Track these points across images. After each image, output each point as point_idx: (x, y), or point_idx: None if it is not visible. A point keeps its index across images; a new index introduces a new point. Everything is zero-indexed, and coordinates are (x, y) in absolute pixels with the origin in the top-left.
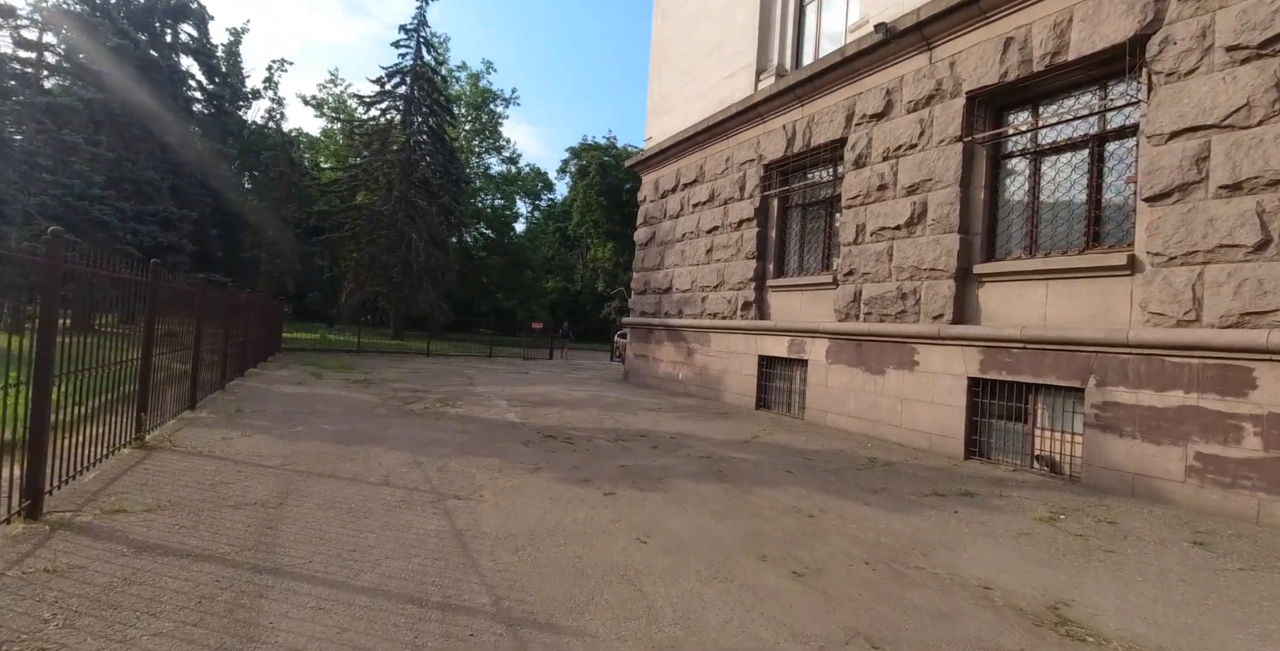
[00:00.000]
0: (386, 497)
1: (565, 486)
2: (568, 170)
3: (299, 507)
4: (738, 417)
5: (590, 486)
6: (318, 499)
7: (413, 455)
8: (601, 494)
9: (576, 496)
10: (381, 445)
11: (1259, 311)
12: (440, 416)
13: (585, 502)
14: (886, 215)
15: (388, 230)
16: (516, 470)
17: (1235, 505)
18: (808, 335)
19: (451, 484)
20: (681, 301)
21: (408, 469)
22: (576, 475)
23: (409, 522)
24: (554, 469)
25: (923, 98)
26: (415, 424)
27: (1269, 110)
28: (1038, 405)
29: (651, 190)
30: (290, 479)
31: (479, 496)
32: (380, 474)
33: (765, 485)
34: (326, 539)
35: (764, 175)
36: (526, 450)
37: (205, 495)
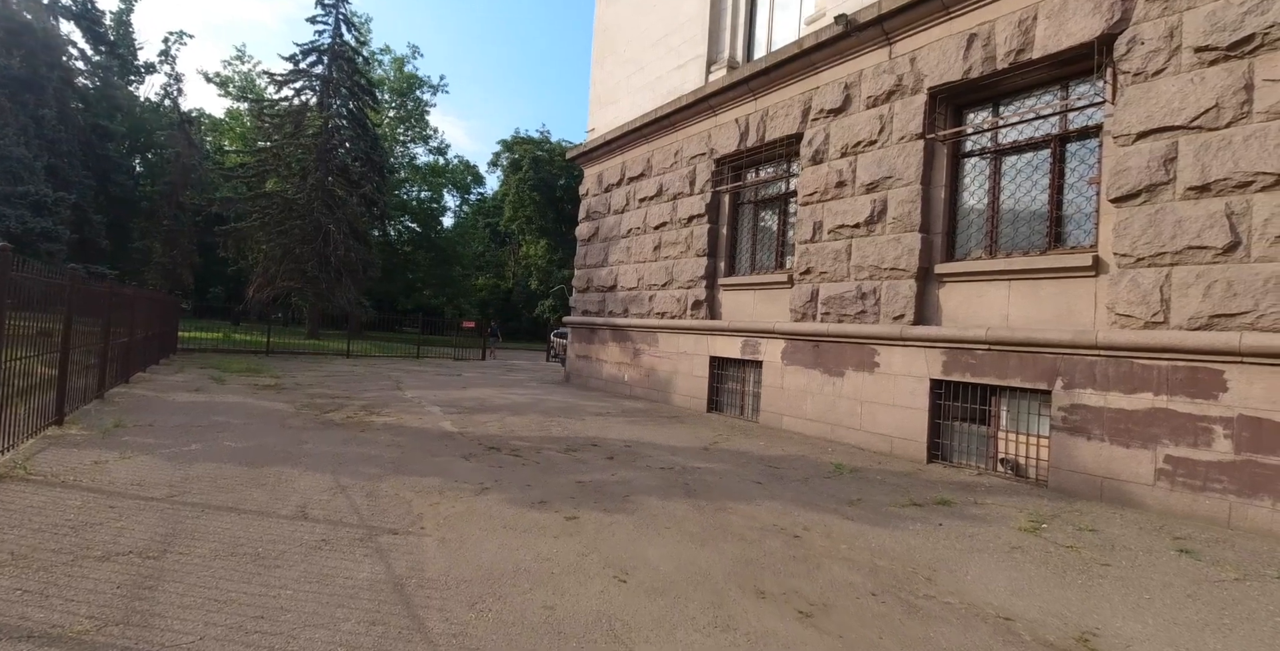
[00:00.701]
0: (304, 536)
1: (520, 510)
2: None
3: (189, 556)
4: (690, 421)
5: (548, 509)
6: (214, 542)
7: (335, 477)
8: (563, 519)
9: (535, 523)
10: (296, 465)
11: (1228, 313)
12: (365, 427)
13: (546, 531)
14: (845, 213)
15: (302, 220)
16: (461, 492)
17: (1206, 508)
18: (762, 335)
19: (384, 513)
20: (627, 300)
21: (329, 495)
22: (531, 495)
23: (334, 570)
24: (504, 488)
25: (883, 93)
26: (336, 437)
27: (1238, 112)
28: (1001, 407)
29: (595, 184)
30: (179, 515)
31: (419, 529)
32: (295, 503)
33: (737, 499)
34: (224, 602)
35: (715, 170)
36: (469, 466)
37: (63, 543)
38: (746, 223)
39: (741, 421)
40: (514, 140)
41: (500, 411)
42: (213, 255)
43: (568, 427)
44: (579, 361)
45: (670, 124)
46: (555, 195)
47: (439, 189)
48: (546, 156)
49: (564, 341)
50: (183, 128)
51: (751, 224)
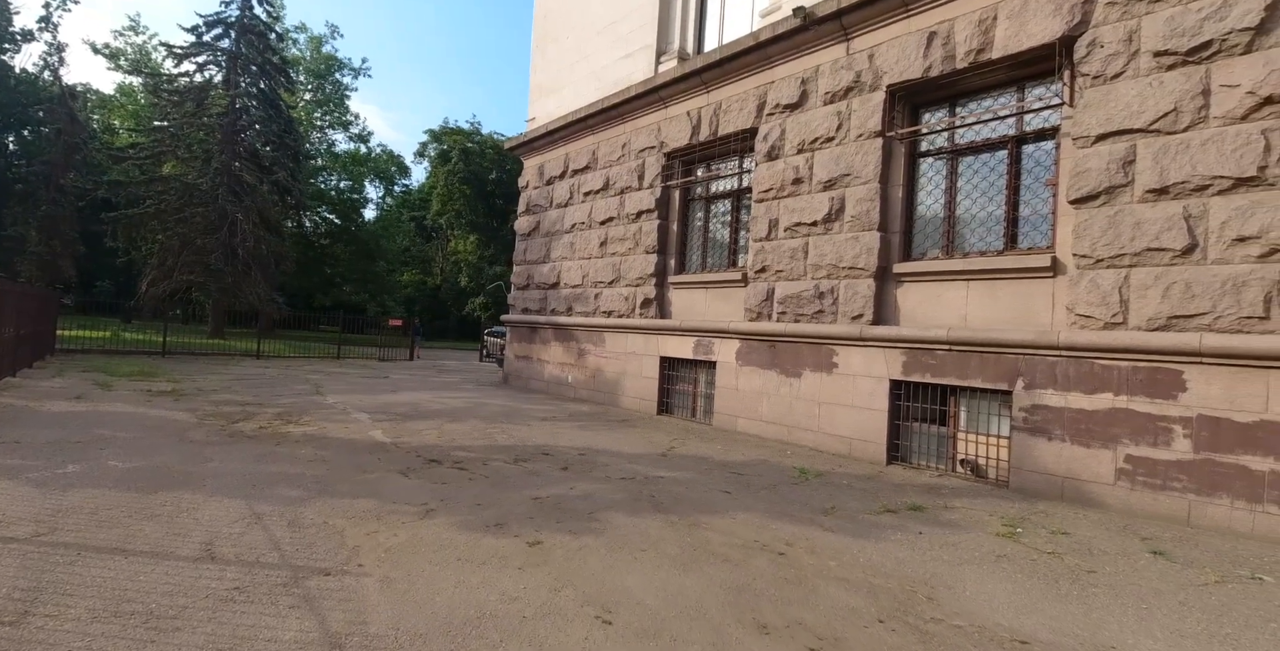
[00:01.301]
0: (211, 584)
1: (474, 537)
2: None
3: (58, 621)
4: (641, 425)
5: (506, 533)
6: (93, 598)
7: (248, 502)
8: (525, 545)
9: (494, 552)
10: (199, 489)
11: (1187, 315)
12: (282, 439)
13: (508, 561)
14: (802, 210)
15: (205, 208)
16: (402, 516)
17: (1166, 507)
18: (716, 335)
19: (312, 548)
20: (571, 298)
21: (242, 527)
22: (484, 517)
23: (251, 631)
24: (452, 509)
25: (840, 89)
26: (248, 452)
27: (1195, 116)
28: (960, 408)
29: (535, 176)
30: (48, 561)
31: (357, 567)
32: (199, 539)
33: (709, 512)
34: None
35: (666, 164)
36: (409, 483)
37: None
38: (698, 219)
39: (694, 424)
40: (442, 130)
41: (437, 417)
42: (99, 245)
43: (514, 434)
44: (519, 362)
45: (618, 115)
46: (486, 189)
47: (360, 179)
48: (477, 149)
49: (499, 340)
50: (65, 102)
51: (703, 220)
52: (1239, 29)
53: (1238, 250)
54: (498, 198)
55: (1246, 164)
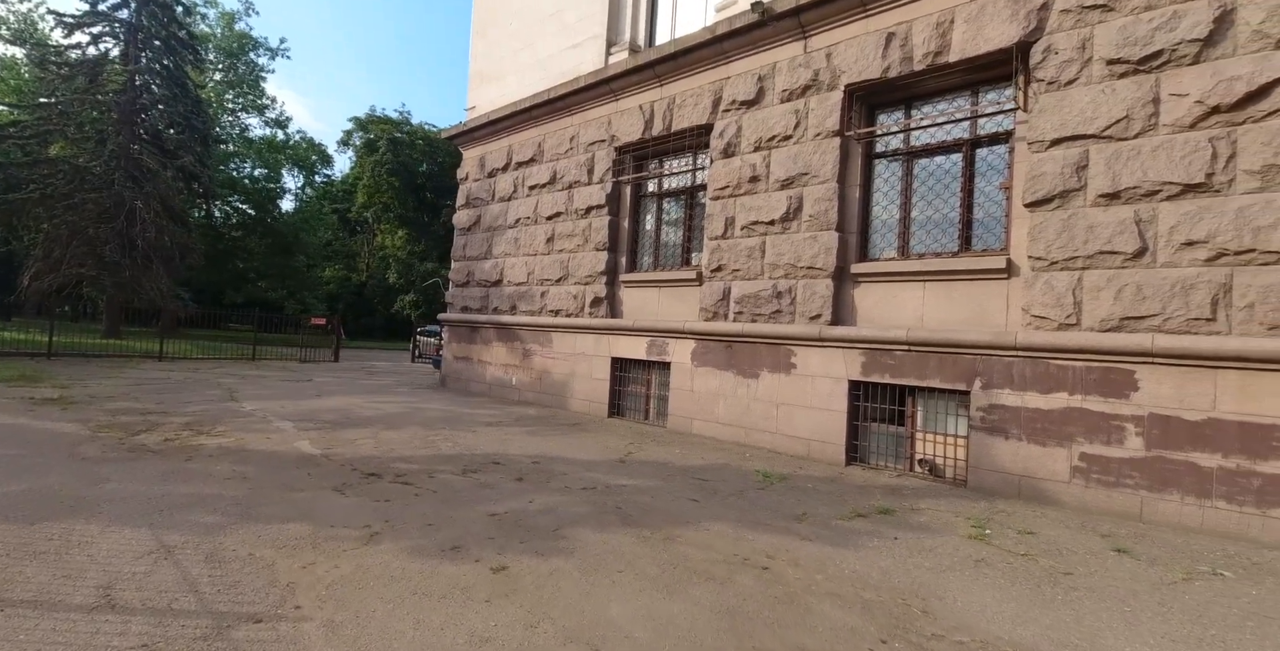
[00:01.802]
0: (111, 642)
1: (430, 564)
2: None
3: None
4: (594, 429)
5: (466, 558)
6: None
7: (155, 532)
8: (489, 571)
9: (455, 582)
10: (94, 517)
11: (1138, 316)
12: (193, 454)
13: (473, 593)
14: (759, 209)
15: (98, 194)
16: (343, 543)
17: (1120, 504)
18: (670, 336)
19: (236, 588)
20: (516, 296)
21: (149, 564)
22: (438, 539)
23: None
24: (400, 532)
25: (798, 87)
26: (153, 470)
27: (1146, 123)
28: (917, 408)
29: (476, 167)
30: None
31: (293, 610)
32: (95, 582)
33: (681, 524)
34: None
35: (617, 158)
36: (347, 502)
37: None
38: (650, 216)
39: (648, 427)
40: (369, 119)
41: (372, 425)
42: None
43: (459, 442)
44: (457, 363)
45: (565, 107)
46: (417, 182)
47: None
48: (407, 139)
49: (432, 340)
50: None
51: (655, 217)
52: (1188, 40)
53: (1186, 254)
54: (429, 191)
55: (1195, 171)
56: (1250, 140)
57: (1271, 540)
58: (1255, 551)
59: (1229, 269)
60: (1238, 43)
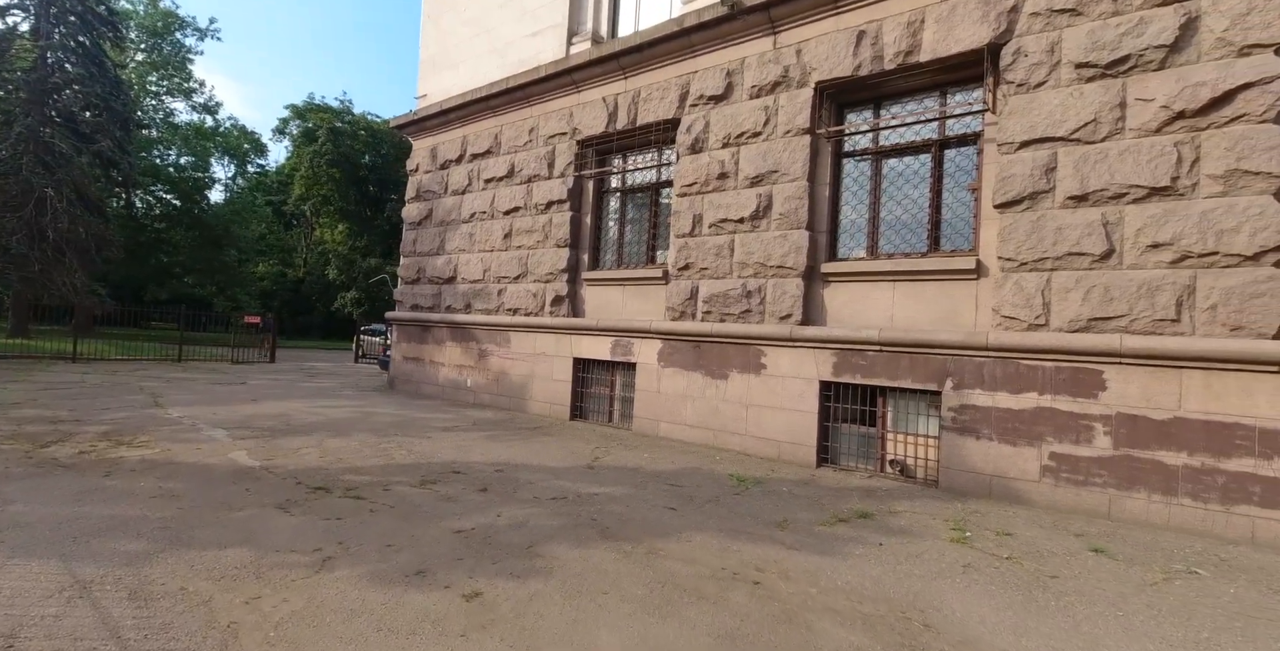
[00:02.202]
0: None
1: (392, 593)
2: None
3: None
4: (556, 433)
5: (433, 584)
6: None
7: (67, 564)
8: (461, 599)
9: (423, 613)
10: None
11: (1105, 317)
12: (113, 468)
13: (446, 626)
14: (728, 206)
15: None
16: (291, 571)
17: (1088, 502)
18: (636, 336)
19: (168, 632)
20: (471, 294)
21: (60, 604)
22: (400, 563)
23: None
24: (356, 555)
25: (768, 84)
26: (64, 488)
27: (1113, 127)
28: (888, 409)
29: (427, 159)
30: None
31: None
32: None
33: (662, 535)
34: None
35: (579, 152)
36: (293, 521)
37: None
38: (613, 212)
39: (613, 430)
40: (308, 106)
41: (316, 432)
42: None
43: (414, 450)
44: (407, 364)
45: (524, 97)
46: (359, 174)
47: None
48: (348, 128)
49: (377, 339)
50: None
51: (619, 213)
52: (1154, 46)
53: (1151, 256)
54: (372, 184)
55: (1160, 174)
56: (1213, 145)
57: (1235, 536)
58: (1221, 547)
59: (1193, 271)
60: (1202, 49)
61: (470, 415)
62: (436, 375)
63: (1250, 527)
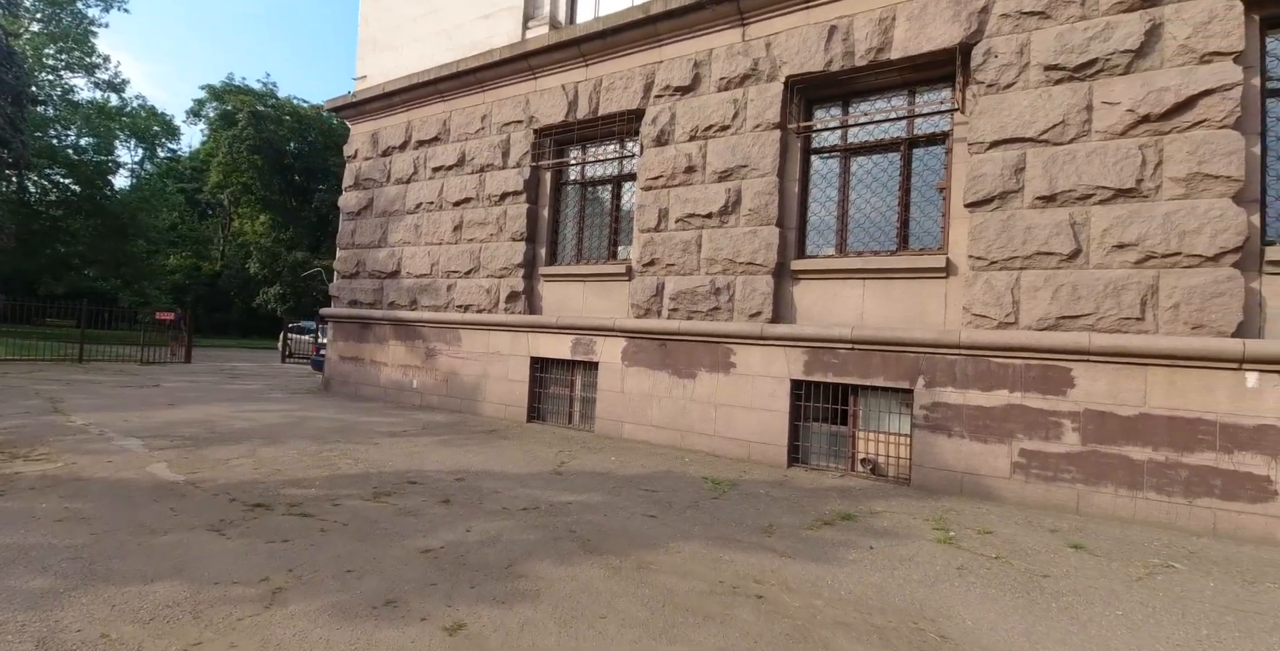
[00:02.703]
0: None
1: (361, 629)
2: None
3: None
4: (514, 436)
5: (408, 616)
6: None
7: None
8: (443, 633)
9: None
10: None
11: (1073, 315)
12: (6, 487)
13: None
14: (696, 201)
15: None
16: (235, 607)
17: (1057, 497)
18: (598, 334)
19: None
20: (417, 289)
21: None
22: (364, 592)
23: None
24: (311, 585)
25: (737, 76)
26: None
27: (1080, 129)
28: (859, 407)
29: (367, 145)
30: None
31: None
32: None
33: (648, 547)
34: None
35: (536, 141)
36: (230, 546)
37: None
38: (572, 205)
39: (574, 432)
40: (226, 88)
41: (247, 440)
42: None
43: (361, 458)
44: (345, 365)
45: (476, 82)
46: (284, 161)
47: (110, 137)
48: (272, 113)
49: (307, 338)
50: None
51: (578, 207)
52: (1120, 50)
53: (1117, 256)
54: (297, 172)
55: (1126, 176)
56: (1176, 149)
57: (1198, 528)
58: (1186, 539)
59: (1156, 271)
60: (1165, 55)
61: (418, 418)
62: (378, 376)
63: (1212, 519)
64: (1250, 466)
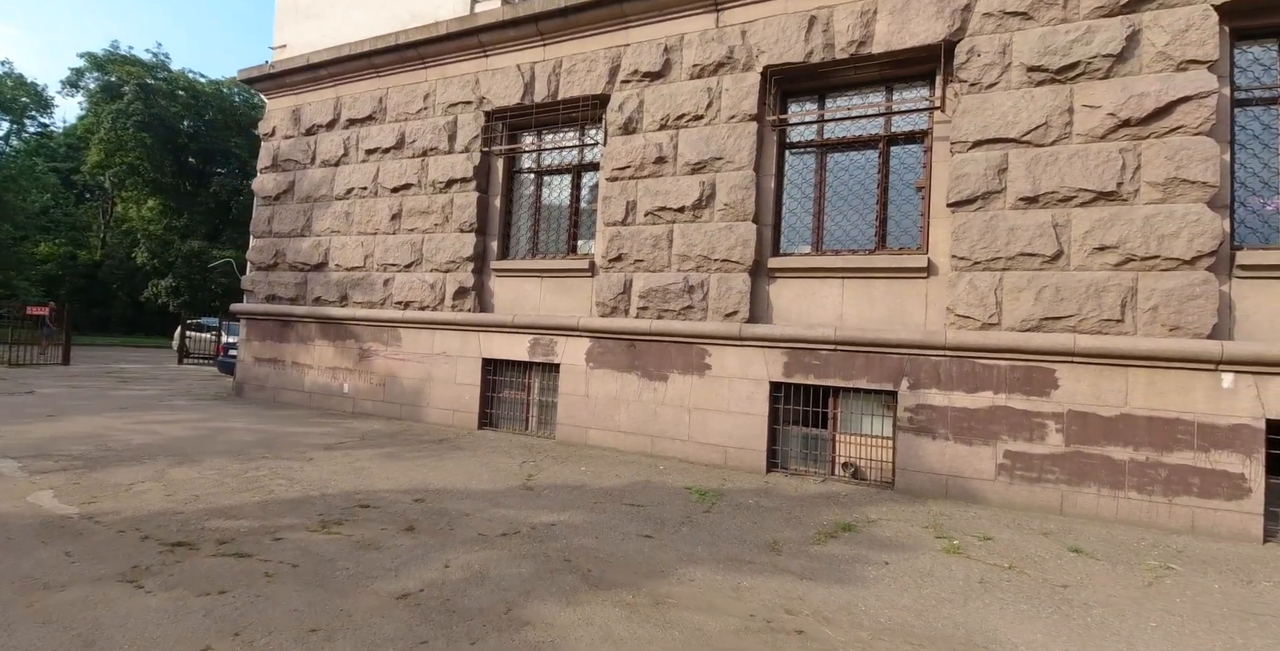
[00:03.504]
0: None
1: None
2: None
3: None
4: (468, 445)
5: None
6: None
7: None
8: None
9: None
10: None
11: (1056, 316)
12: None
13: None
14: (667, 194)
15: None
16: None
17: (1041, 498)
18: (560, 333)
19: None
20: (349, 283)
21: None
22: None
23: None
24: None
25: (711, 64)
26: None
27: (1062, 131)
28: (839, 410)
29: (288, 122)
30: None
31: None
32: None
33: (656, 575)
34: None
35: (487, 125)
36: (151, 602)
37: None
38: (527, 195)
39: (533, 439)
40: (109, 57)
41: (152, 459)
42: None
43: (297, 478)
44: (261, 367)
45: (418, 57)
46: (177, 141)
47: None
48: (164, 87)
49: (208, 335)
50: None
51: (534, 197)
52: (1102, 54)
53: (1097, 258)
54: (192, 153)
55: (1107, 180)
56: (1154, 154)
57: (1177, 525)
58: (1168, 537)
59: (1135, 273)
60: (1144, 61)
61: (353, 427)
62: (302, 379)
63: (1190, 517)
64: (1226, 465)
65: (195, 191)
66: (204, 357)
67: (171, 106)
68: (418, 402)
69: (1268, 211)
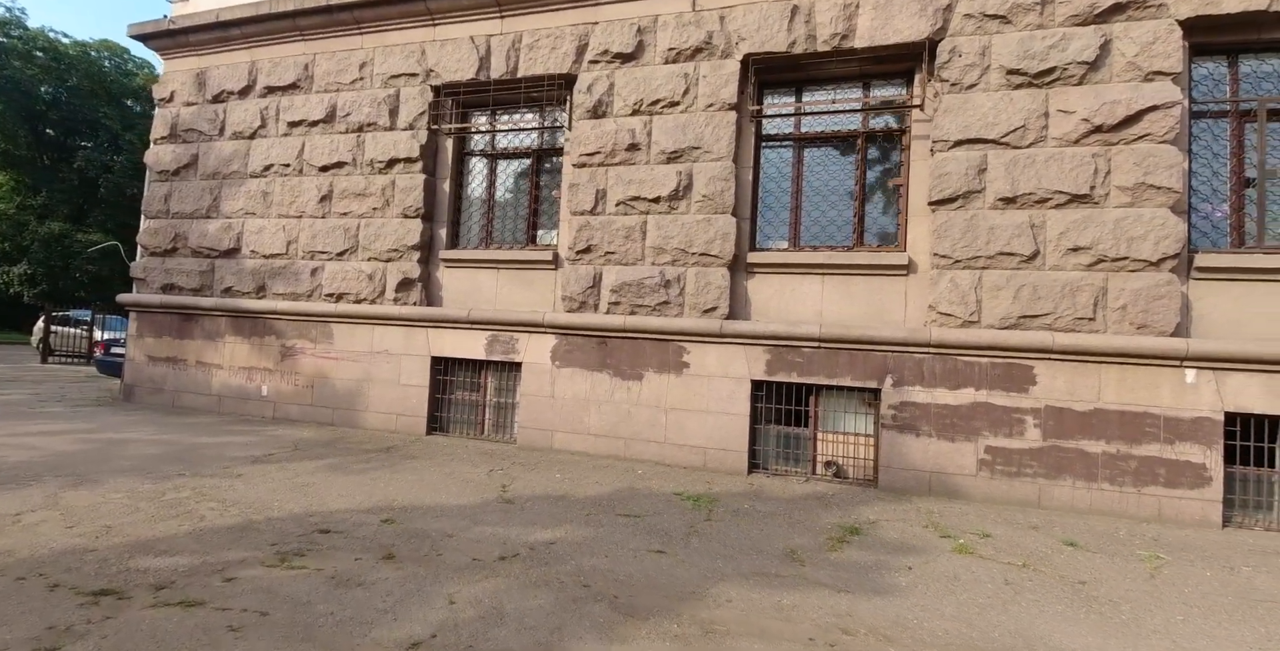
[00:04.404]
0: None
1: None
2: None
3: None
4: (419, 453)
5: None
6: None
7: None
8: None
9: None
10: None
11: (1033, 315)
12: None
13: None
14: (641, 183)
15: None
16: None
17: (1020, 492)
18: (521, 330)
19: None
20: (267, 272)
21: None
22: None
23: None
24: None
25: (688, 49)
26: None
27: (1039, 134)
28: (820, 408)
29: (190, 86)
30: None
31: None
32: None
33: (688, 599)
34: None
35: (435, 101)
36: None
37: None
38: (480, 179)
39: (491, 444)
40: None
41: (37, 480)
42: None
43: (228, 498)
44: (157, 367)
45: (353, 21)
46: (35, 108)
47: None
48: (19, 46)
49: (78, 330)
50: None
51: (487, 181)
52: (1077, 62)
53: (1071, 258)
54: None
55: (1080, 183)
56: (1123, 159)
57: (1146, 514)
58: (1140, 526)
59: (1105, 274)
60: (1114, 71)
61: (280, 435)
62: (208, 381)
63: (1157, 506)
64: (1189, 456)
65: (55, 166)
66: (74, 356)
67: (27, 68)
68: (354, 406)
69: (1217, 217)
